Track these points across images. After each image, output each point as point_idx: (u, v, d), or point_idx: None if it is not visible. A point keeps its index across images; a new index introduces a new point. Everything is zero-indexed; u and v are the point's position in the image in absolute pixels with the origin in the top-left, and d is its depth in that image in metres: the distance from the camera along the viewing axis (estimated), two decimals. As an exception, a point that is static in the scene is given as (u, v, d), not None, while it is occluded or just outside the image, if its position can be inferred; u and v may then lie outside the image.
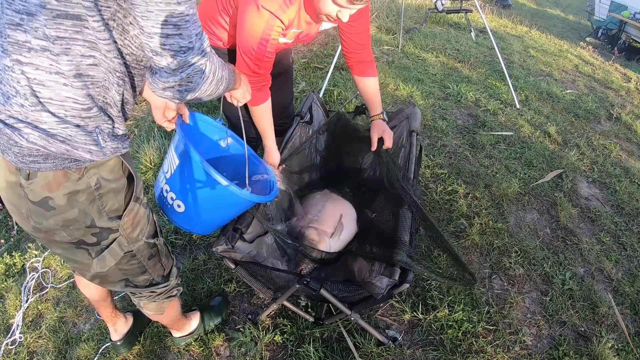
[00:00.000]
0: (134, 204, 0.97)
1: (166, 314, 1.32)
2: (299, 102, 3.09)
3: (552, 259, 2.07)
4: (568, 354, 1.65)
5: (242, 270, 1.37)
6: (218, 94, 0.93)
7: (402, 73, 4.01)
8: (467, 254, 2.05)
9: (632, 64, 6.25)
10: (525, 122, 3.34)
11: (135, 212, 0.98)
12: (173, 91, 0.83)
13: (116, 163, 0.91)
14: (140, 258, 1.05)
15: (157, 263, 1.12)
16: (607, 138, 3.32)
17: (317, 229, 1.57)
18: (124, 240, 0.98)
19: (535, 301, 1.87)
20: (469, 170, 2.64)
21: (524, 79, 4.24)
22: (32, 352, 1.72)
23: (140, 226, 1.01)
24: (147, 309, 1.27)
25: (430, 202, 2.34)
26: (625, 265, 2.12)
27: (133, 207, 0.97)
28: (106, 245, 0.97)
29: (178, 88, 0.82)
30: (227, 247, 1.30)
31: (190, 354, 1.61)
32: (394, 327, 1.70)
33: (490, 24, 6.12)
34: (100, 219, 0.92)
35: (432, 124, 3.13)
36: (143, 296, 1.20)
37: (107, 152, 0.86)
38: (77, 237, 0.93)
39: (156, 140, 2.89)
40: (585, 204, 2.51)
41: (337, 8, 1.28)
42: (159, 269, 1.15)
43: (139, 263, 1.06)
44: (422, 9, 6.49)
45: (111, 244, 0.97)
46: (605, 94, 4.22)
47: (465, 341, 1.64)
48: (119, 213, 0.95)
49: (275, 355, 1.59)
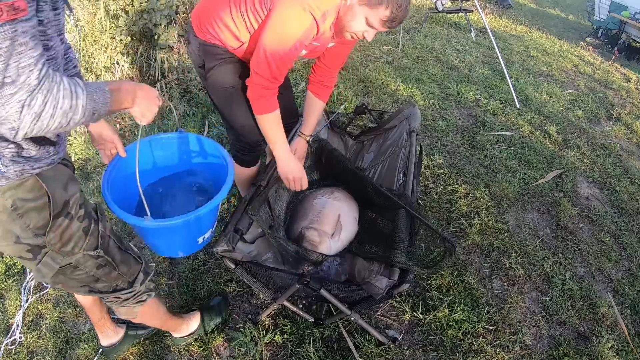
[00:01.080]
0: (62, 220, 0.97)
1: (141, 317, 1.32)
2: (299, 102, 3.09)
3: (552, 259, 2.07)
4: (568, 354, 1.65)
5: (242, 270, 1.37)
6: (79, 124, 0.86)
7: (402, 73, 4.01)
8: (467, 254, 2.05)
9: (632, 64, 6.25)
10: (525, 122, 3.34)
11: (64, 228, 0.98)
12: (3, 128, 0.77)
13: (35, 182, 0.91)
14: (86, 269, 1.06)
15: (112, 271, 1.12)
16: (607, 138, 3.32)
17: (318, 230, 1.57)
18: (56, 254, 0.99)
19: (535, 301, 1.87)
20: (469, 170, 2.64)
21: (524, 79, 4.24)
22: (32, 352, 1.72)
23: (73, 240, 1.01)
24: (119, 313, 1.27)
25: (430, 202, 2.34)
26: (625, 265, 2.12)
27: (61, 223, 0.97)
28: (39, 259, 0.98)
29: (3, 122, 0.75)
30: (227, 248, 1.30)
31: (190, 354, 1.61)
32: (394, 327, 1.70)
33: (490, 24, 6.12)
34: (26, 236, 0.94)
35: (432, 124, 3.13)
36: (110, 301, 1.21)
37: (9, 175, 0.86)
38: (14, 252, 0.96)
39: (156, 140, 2.89)
40: (585, 204, 2.51)
41: (367, 28, 1.29)
42: (117, 277, 1.14)
43: (86, 273, 1.06)
44: (422, 9, 6.49)
45: (44, 258, 0.99)
46: (605, 94, 4.22)
47: (465, 341, 1.64)
48: (45, 230, 0.96)
49: (275, 355, 1.59)
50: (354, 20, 1.29)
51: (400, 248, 1.31)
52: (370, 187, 1.62)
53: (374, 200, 1.64)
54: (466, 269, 1.94)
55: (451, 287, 1.85)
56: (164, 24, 3.56)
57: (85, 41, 4.02)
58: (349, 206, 1.74)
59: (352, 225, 1.67)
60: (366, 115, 2.33)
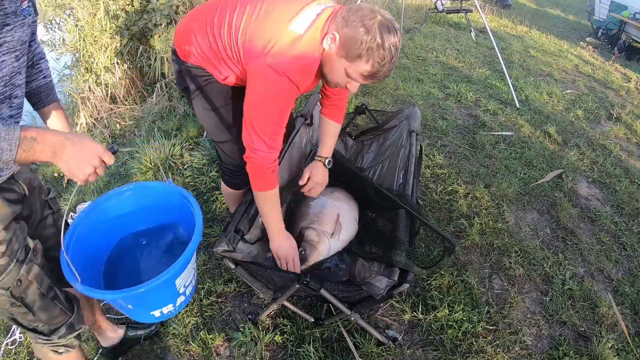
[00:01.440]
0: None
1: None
2: (298, 103, 3.09)
3: (552, 259, 2.07)
4: (568, 354, 1.65)
5: (242, 270, 1.37)
6: None
7: (402, 73, 4.01)
8: (467, 254, 2.05)
9: (632, 64, 6.25)
10: (525, 122, 3.34)
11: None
12: None
13: None
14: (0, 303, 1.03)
15: (28, 314, 1.07)
16: (607, 138, 3.32)
17: (317, 230, 1.57)
18: None
19: (535, 301, 1.87)
20: (469, 170, 2.64)
21: (524, 79, 4.24)
22: (32, 352, 1.72)
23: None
24: (34, 348, 1.23)
25: (430, 202, 2.34)
26: (625, 265, 2.12)
27: None
28: None
29: None
30: (228, 248, 1.30)
31: (190, 353, 1.61)
32: (394, 327, 1.70)
33: (490, 24, 6.12)
34: None
35: (432, 124, 3.13)
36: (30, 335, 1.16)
37: None
38: None
39: (156, 140, 2.89)
40: (585, 204, 2.51)
41: (348, 80, 1.21)
42: (34, 320, 1.10)
43: (1, 306, 1.04)
44: (422, 9, 6.49)
45: None
46: (605, 94, 4.22)
47: (465, 341, 1.64)
48: None
49: (275, 355, 1.59)
50: (333, 72, 1.21)
51: (400, 248, 1.30)
52: (371, 187, 1.62)
53: (374, 200, 1.64)
54: (466, 269, 1.94)
55: (451, 287, 1.85)
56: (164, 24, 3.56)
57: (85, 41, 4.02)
58: (349, 206, 1.74)
59: (352, 225, 1.67)
60: (366, 115, 2.33)
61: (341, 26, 1.14)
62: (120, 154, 3.17)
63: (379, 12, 1.13)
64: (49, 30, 4.37)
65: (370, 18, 1.11)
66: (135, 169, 2.74)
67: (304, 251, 1.52)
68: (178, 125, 3.19)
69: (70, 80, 4.67)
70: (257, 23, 1.22)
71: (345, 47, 1.13)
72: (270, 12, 1.22)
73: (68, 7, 4.21)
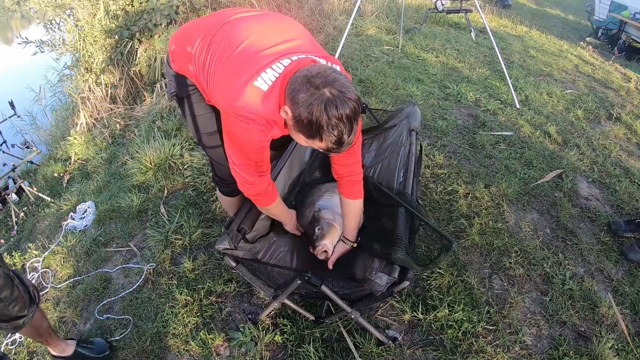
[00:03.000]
0: None
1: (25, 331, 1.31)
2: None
3: (552, 259, 2.07)
4: (568, 354, 1.65)
5: (243, 268, 1.37)
6: None
7: (402, 73, 4.02)
8: (467, 254, 2.05)
9: (632, 64, 6.25)
10: (525, 122, 3.34)
11: None
12: None
13: None
14: None
15: None
16: (607, 138, 3.32)
17: (331, 210, 1.61)
18: None
19: (535, 301, 1.87)
20: (469, 170, 2.64)
21: (524, 79, 4.24)
22: (32, 352, 1.72)
23: None
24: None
25: (430, 202, 2.34)
26: (625, 265, 2.12)
27: None
28: None
29: None
30: (229, 246, 1.31)
31: (190, 353, 1.61)
32: (394, 327, 1.70)
33: (490, 24, 6.12)
34: None
35: (432, 124, 3.14)
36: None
37: None
38: None
39: (156, 140, 2.89)
40: (585, 204, 2.51)
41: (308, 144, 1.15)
42: None
43: None
44: (422, 9, 6.49)
45: None
46: (605, 94, 4.22)
47: (465, 341, 1.64)
48: None
49: (275, 355, 1.59)
50: (298, 139, 1.15)
51: (400, 245, 1.31)
52: (371, 186, 1.62)
53: (375, 198, 1.64)
54: (466, 269, 1.94)
55: (451, 287, 1.85)
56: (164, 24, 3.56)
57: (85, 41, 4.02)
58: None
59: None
60: (366, 114, 2.33)
61: (291, 102, 1.06)
62: (121, 154, 3.17)
63: (327, 82, 1.01)
64: (49, 30, 4.37)
65: (316, 97, 1.00)
66: (135, 169, 2.74)
67: (322, 229, 1.54)
68: (178, 125, 3.19)
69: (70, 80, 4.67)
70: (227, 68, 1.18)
71: (298, 125, 1.06)
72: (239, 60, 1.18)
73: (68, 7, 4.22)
